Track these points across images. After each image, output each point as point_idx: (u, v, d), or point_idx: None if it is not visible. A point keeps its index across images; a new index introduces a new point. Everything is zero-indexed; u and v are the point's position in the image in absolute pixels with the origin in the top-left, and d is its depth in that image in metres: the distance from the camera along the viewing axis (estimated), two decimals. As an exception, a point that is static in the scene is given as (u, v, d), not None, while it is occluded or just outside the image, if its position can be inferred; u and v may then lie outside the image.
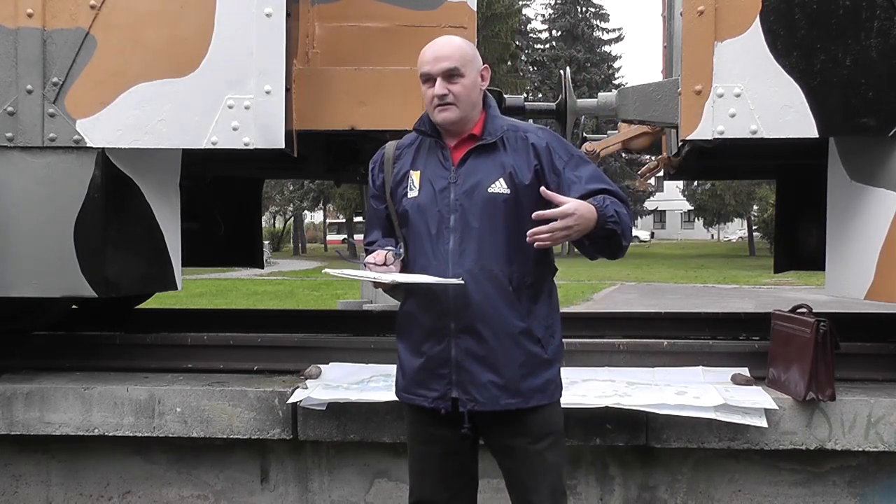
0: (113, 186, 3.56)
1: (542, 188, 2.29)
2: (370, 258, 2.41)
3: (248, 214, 5.74)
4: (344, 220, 43.62)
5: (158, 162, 3.73)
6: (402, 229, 2.49)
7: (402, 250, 2.41)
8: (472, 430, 2.41)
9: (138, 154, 3.60)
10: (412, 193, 2.43)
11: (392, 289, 2.47)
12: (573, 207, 2.23)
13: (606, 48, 47.40)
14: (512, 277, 2.36)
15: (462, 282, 2.31)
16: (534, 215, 2.24)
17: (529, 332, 2.38)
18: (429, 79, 2.38)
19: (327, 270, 2.51)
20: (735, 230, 55.32)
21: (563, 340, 2.55)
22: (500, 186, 2.36)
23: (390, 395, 3.36)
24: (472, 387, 2.36)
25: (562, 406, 2.52)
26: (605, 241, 2.34)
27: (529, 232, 2.23)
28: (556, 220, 2.22)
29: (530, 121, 4.24)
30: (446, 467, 2.48)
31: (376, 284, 2.40)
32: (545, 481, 2.42)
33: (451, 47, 2.38)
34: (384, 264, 2.38)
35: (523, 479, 2.44)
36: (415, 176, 2.44)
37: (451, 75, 2.35)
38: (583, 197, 2.32)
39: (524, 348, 2.37)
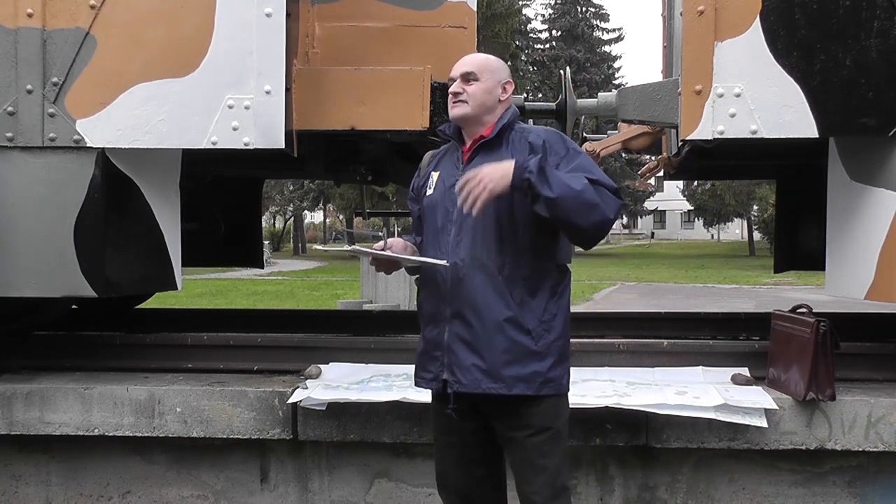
0: (113, 186, 3.56)
1: (457, 183, 2.42)
2: (378, 245, 2.59)
3: (248, 214, 5.74)
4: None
5: (158, 162, 3.73)
6: (423, 225, 2.67)
7: (380, 235, 2.57)
8: (456, 411, 2.50)
9: (138, 154, 3.60)
10: (429, 192, 2.64)
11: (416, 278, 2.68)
12: (474, 171, 2.38)
13: (606, 48, 47.39)
14: (503, 267, 2.47)
15: (447, 264, 2.47)
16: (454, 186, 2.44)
17: (516, 321, 2.46)
18: (452, 80, 2.59)
19: (348, 247, 2.72)
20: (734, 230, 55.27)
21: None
22: None
23: (390, 395, 3.38)
24: (458, 369, 2.49)
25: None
26: (532, 200, 2.35)
27: (459, 203, 2.40)
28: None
29: (530, 121, 4.24)
30: (465, 456, 2.61)
31: (387, 269, 2.63)
32: (542, 475, 2.49)
33: (478, 58, 2.63)
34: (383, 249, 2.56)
35: (520, 471, 2.53)
36: (434, 176, 2.65)
37: (467, 78, 2.56)
38: None
39: (508, 336, 2.46)
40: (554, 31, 47.36)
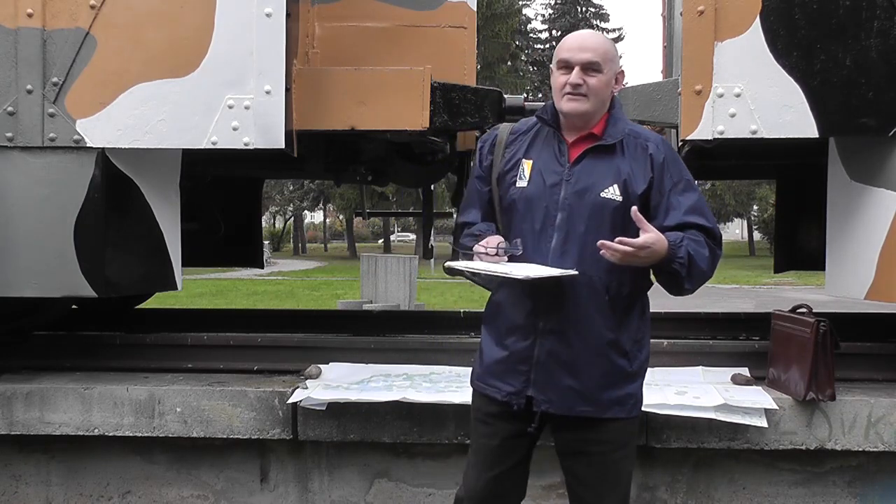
0: (113, 186, 3.56)
1: (634, 208, 2.25)
2: (479, 247, 2.34)
3: (248, 214, 5.74)
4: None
5: (158, 162, 3.73)
6: (502, 215, 2.45)
7: (520, 248, 2.32)
8: (538, 429, 2.39)
9: (138, 154, 3.59)
10: (521, 183, 2.39)
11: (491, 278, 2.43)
12: (651, 241, 2.22)
13: (606, 48, 47.32)
14: (610, 287, 2.33)
15: (577, 273, 2.25)
16: (616, 240, 2.21)
17: (617, 343, 2.35)
18: (566, 66, 2.36)
19: (450, 264, 2.38)
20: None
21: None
22: (612, 192, 2.33)
23: (390, 395, 3.38)
24: (549, 389, 2.34)
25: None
26: (668, 275, 2.33)
27: (600, 242, 2.21)
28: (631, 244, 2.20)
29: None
30: (503, 462, 2.45)
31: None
32: (616, 490, 2.41)
33: (597, 41, 2.39)
34: (495, 254, 2.31)
35: (595, 486, 2.40)
36: (526, 165, 2.40)
37: (590, 67, 2.34)
38: (677, 226, 2.33)
39: (609, 359, 2.35)
40: (554, 31, 47.36)
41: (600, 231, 2.28)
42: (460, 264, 2.31)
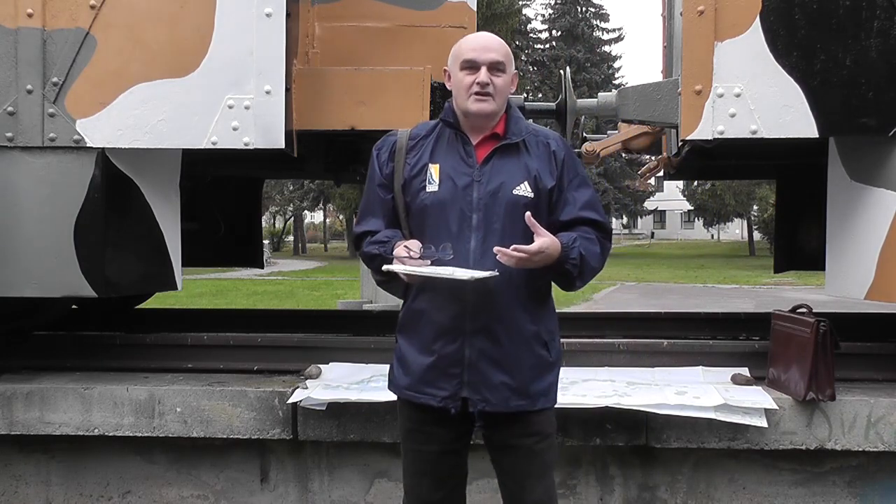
0: (113, 186, 3.56)
1: (528, 214, 2.30)
2: (402, 250, 2.32)
3: (248, 214, 5.74)
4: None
5: (158, 162, 3.73)
6: (411, 221, 2.44)
7: (450, 253, 2.31)
8: (481, 428, 2.41)
9: (138, 154, 3.60)
10: (431, 188, 2.39)
11: (408, 284, 2.42)
12: (545, 245, 2.28)
13: (606, 48, 47.38)
14: (528, 281, 2.37)
15: (497, 274, 2.27)
16: (511, 247, 2.25)
17: (538, 335, 2.41)
18: (471, 66, 2.37)
19: (388, 267, 2.36)
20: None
21: (564, 340, 2.58)
22: (524, 189, 2.37)
23: (390, 395, 3.37)
24: (484, 388, 2.36)
25: (562, 406, 2.56)
26: (559, 276, 2.42)
27: (495, 248, 2.26)
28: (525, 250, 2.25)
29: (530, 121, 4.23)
30: (443, 467, 2.48)
31: (408, 277, 2.32)
32: (542, 480, 2.45)
33: (498, 42, 2.41)
34: (419, 258, 2.31)
35: (522, 477, 2.45)
36: (433, 169, 2.40)
37: (495, 67, 2.37)
38: (572, 220, 2.40)
39: (534, 351, 2.40)
40: (554, 31, 47.36)
41: (515, 228, 2.32)
42: (398, 268, 2.31)
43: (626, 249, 45.41)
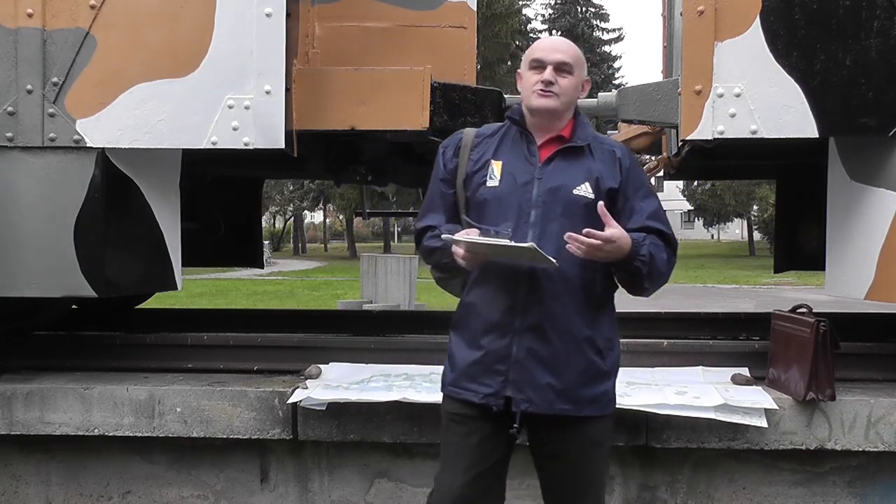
0: (113, 186, 3.56)
1: (600, 204, 2.30)
2: (461, 235, 2.32)
3: (248, 214, 5.74)
4: None
5: (158, 162, 3.73)
6: (470, 216, 2.43)
7: (509, 230, 2.31)
8: (520, 430, 2.38)
9: (138, 154, 3.59)
10: (492, 183, 2.41)
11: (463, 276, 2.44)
12: (616, 235, 2.27)
13: (606, 48, 47.45)
14: (584, 282, 2.36)
15: (556, 264, 2.26)
16: (584, 232, 2.24)
17: (592, 340, 2.39)
18: (539, 65, 2.40)
19: (447, 237, 2.36)
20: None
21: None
22: (584, 190, 2.37)
23: (390, 395, 3.37)
24: (528, 387, 2.33)
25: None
26: (629, 275, 2.40)
27: (567, 234, 2.24)
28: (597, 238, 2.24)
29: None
30: (481, 462, 2.41)
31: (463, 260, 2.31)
32: (591, 490, 2.43)
33: (568, 44, 2.47)
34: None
35: (570, 485, 2.42)
36: (496, 166, 2.42)
37: (562, 68, 2.40)
38: (639, 229, 2.39)
39: (586, 356, 2.37)
40: (554, 31, 47.35)
41: (574, 228, 2.29)
42: (459, 236, 2.30)
43: (626, 249, 45.24)
